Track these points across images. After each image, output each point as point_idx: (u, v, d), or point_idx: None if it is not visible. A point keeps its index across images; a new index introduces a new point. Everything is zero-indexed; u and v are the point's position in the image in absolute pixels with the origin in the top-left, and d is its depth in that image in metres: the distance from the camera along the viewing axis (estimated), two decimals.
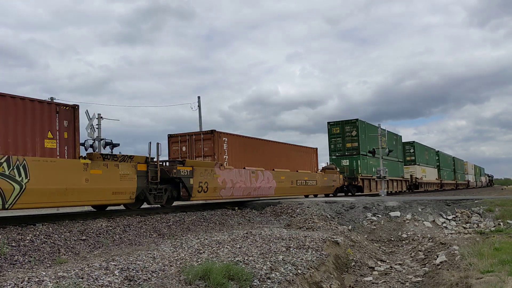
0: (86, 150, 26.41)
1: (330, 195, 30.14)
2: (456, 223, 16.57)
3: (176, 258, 9.08)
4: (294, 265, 9.56)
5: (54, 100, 26.09)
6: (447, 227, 16.30)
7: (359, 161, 33.45)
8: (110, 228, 12.33)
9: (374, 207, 18.89)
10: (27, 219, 12.10)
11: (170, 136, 20.74)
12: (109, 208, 15.43)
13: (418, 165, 48.85)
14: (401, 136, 44.94)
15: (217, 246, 10.69)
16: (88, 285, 6.68)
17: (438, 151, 59.60)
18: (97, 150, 28.02)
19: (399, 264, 12.87)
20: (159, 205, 16.63)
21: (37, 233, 10.57)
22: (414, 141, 49.73)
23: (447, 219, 17.08)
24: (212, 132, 19.55)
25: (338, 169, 31.86)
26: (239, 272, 8.00)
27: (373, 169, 34.93)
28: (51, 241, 10.31)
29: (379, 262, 13.06)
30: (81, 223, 12.22)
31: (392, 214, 17.99)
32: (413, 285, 10.61)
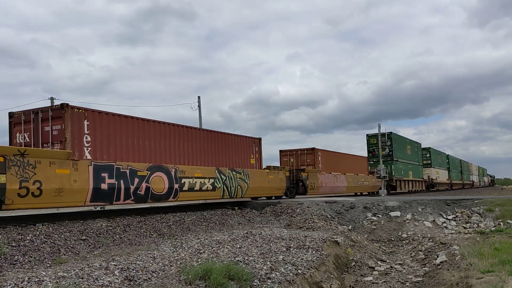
0: None
1: (375, 192, 38.64)
2: (456, 223, 16.56)
3: (176, 258, 9.08)
4: (294, 265, 9.56)
5: (54, 100, 32.50)
6: (447, 227, 16.29)
7: (393, 166, 41.35)
8: (110, 228, 12.32)
9: (374, 207, 18.88)
10: (27, 219, 12.10)
11: (281, 151, 29.85)
12: (109, 208, 15.49)
13: (433, 167, 55.85)
14: (420, 144, 52.40)
15: (217, 246, 10.68)
16: (88, 285, 6.67)
17: (448, 155, 66.75)
18: None
19: (399, 264, 12.87)
20: (291, 197, 25.14)
21: (37, 233, 10.56)
22: (429, 147, 56.63)
23: (447, 219, 17.07)
24: (313, 149, 29.18)
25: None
26: (239, 272, 8.00)
27: (402, 172, 43.63)
28: (51, 241, 10.29)
29: (379, 262, 13.05)
30: (81, 223, 12.21)
31: (392, 214, 17.99)
32: (414, 285, 10.61)
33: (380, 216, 18.03)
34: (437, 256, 11.80)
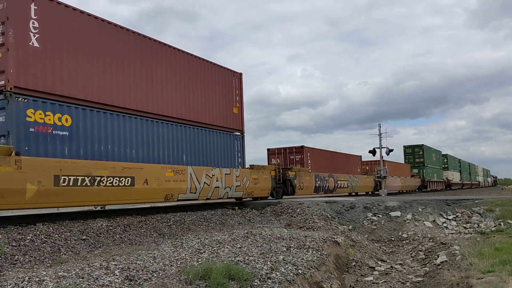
0: None
1: (411, 190, 50.64)
2: (457, 223, 16.55)
3: (177, 258, 9.08)
4: (294, 265, 9.55)
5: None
6: (447, 227, 16.28)
7: (424, 170, 54.92)
8: (111, 228, 12.32)
9: (374, 207, 18.88)
10: (27, 219, 12.10)
11: (361, 162, 41.38)
12: (108, 207, 15.54)
13: (449, 170, 67.95)
14: (441, 151, 65.14)
15: (218, 246, 10.68)
16: (89, 285, 6.67)
17: (460, 159, 78.42)
18: None
19: (400, 264, 12.86)
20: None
21: (38, 232, 10.55)
22: (447, 154, 68.92)
23: (447, 219, 17.06)
24: (383, 160, 40.09)
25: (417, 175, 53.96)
26: (240, 272, 8.00)
27: (430, 175, 56.67)
28: (52, 240, 10.29)
29: (379, 262, 13.05)
30: (81, 223, 12.21)
31: (393, 214, 17.98)
32: (414, 285, 10.61)
33: (380, 216, 18.03)
34: (438, 256, 11.80)
